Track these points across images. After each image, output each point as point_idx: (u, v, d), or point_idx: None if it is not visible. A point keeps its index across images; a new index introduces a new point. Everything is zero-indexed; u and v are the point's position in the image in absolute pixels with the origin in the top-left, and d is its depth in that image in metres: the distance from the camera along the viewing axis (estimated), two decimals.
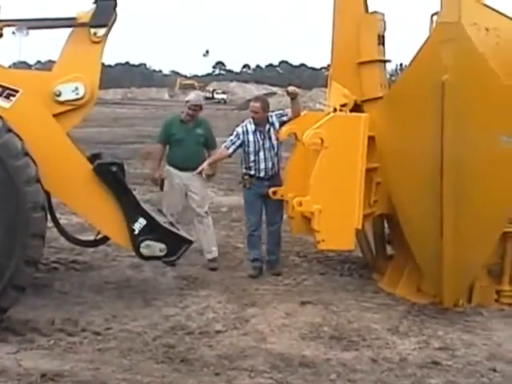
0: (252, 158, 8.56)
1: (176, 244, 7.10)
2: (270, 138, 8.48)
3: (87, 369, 5.54)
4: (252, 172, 8.59)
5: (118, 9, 7.00)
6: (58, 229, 8.00)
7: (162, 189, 9.07)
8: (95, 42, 6.96)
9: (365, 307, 7.46)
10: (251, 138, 8.54)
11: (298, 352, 6.15)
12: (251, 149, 8.54)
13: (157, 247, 6.97)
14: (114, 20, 7.03)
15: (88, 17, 6.91)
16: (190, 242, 7.37)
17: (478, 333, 6.81)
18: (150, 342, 6.25)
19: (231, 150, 8.63)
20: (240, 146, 8.57)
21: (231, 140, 8.61)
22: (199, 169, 8.46)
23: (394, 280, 8.05)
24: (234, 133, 8.64)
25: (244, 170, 8.69)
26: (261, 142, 8.52)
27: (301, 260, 9.43)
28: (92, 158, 7.26)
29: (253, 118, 8.58)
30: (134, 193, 7.22)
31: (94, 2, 6.95)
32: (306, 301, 7.56)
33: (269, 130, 8.47)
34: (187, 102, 8.94)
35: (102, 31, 6.94)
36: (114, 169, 6.91)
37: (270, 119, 8.48)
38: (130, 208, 6.91)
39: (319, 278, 8.57)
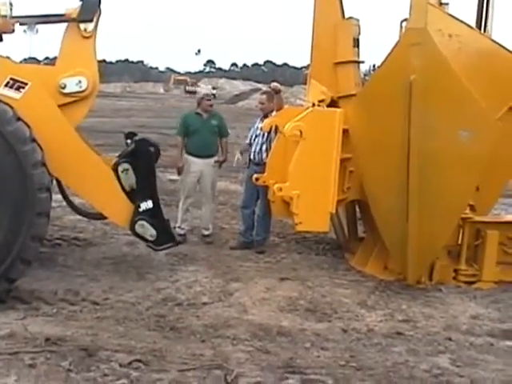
0: (252, 141, 8.75)
1: (165, 237, 7.07)
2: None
3: (86, 334, 5.54)
4: (250, 154, 8.74)
5: (102, 6, 6.93)
6: (69, 205, 7.99)
7: (179, 174, 9.13)
8: (86, 37, 6.89)
9: (337, 283, 7.51)
10: (255, 125, 8.76)
11: (277, 323, 6.17)
12: (252, 134, 8.78)
13: (149, 231, 6.94)
14: (99, 15, 6.95)
15: (75, 13, 6.86)
16: (176, 244, 7.36)
17: (436, 307, 6.89)
18: (143, 311, 6.26)
19: (248, 139, 8.91)
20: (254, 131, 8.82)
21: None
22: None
23: (364, 259, 8.11)
24: None
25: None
26: (257, 130, 8.63)
27: (280, 240, 9.44)
28: (128, 135, 7.32)
29: (261, 110, 8.78)
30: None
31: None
32: (284, 277, 7.59)
33: None
34: (202, 96, 9.07)
35: (90, 26, 6.88)
36: (152, 149, 7.01)
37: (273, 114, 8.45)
38: (147, 188, 6.91)
39: (297, 257, 8.60)
